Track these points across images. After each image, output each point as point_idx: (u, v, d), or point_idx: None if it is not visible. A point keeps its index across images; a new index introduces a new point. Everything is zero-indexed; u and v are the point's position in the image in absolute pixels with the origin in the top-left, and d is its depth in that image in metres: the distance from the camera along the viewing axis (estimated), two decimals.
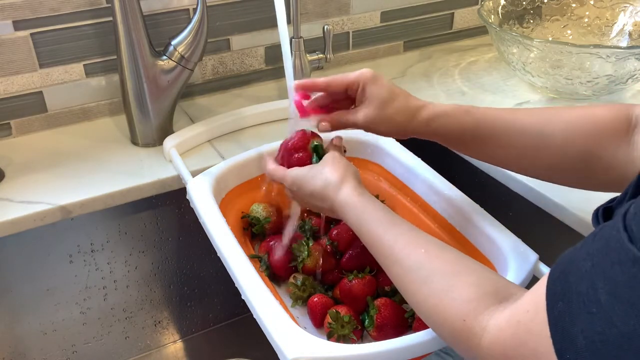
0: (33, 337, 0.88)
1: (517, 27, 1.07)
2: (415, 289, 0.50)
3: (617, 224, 0.35)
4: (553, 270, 0.39)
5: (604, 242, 0.36)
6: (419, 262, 0.50)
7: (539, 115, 0.60)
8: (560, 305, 0.36)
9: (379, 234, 0.54)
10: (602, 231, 0.37)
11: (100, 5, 0.89)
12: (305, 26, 1.05)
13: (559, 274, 0.38)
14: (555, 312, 0.37)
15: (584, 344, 0.34)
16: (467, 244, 0.70)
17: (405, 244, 0.52)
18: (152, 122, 0.88)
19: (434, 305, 0.47)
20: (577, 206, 0.71)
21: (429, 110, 0.62)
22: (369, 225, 0.56)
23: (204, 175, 0.76)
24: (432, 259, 0.50)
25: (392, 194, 0.81)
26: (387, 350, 0.53)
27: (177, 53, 0.85)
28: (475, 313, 0.44)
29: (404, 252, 0.52)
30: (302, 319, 0.68)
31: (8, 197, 0.78)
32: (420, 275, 0.49)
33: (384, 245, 0.54)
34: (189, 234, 0.92)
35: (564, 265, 0.38)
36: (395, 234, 0.54)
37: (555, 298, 0.37)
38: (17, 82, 0.89)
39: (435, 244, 0.52)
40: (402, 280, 0.51)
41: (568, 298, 0.36)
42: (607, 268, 0.34)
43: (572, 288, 0.36)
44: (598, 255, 0.35)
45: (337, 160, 0.62)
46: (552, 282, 0.38)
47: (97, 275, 0.88)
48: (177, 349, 1.01)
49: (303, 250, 0.70)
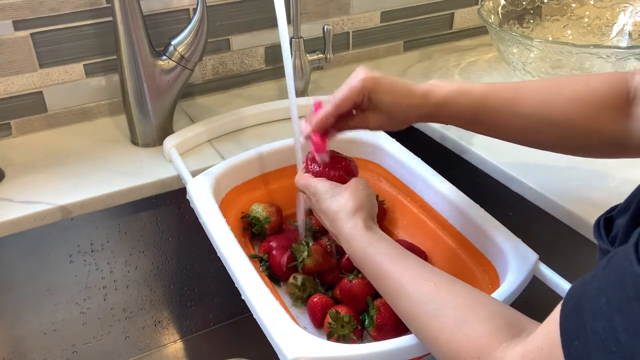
0: (33, 337, 0.88)
1: (517, 27, 1.07)
2: (425, 323, 0.48)
3: (630, 256, 0.34)
4: (564, 305, 0.38)
5: (617, 276, 0.35)
6: (428, 295, 0.49)
7: (541, 94, 0.60)
8: (576, 344, 0.35)
9: (385, 267, 0.53)
10: (613, 263, 0.35)
11: (100, 5, 0.89)
12: (305, 26, 1.05)
13: (571, 310, 0.37)
14: (571, 351, 0.36)
15: None
16: (467, 244, 0.70)
17: (413, 276, 0.51)
18: (152, 122, 0.88)
19: (446, 341, 0.46)
20: (577, 206, 0.71)
21: (431, 100, 0.61)
22: (375, 258, 0.54)
23: (204, 175, 0.76)
24: (441, 292, 0.49)
25: (392, 194, 0.81)
26: (387, 350, 0.53)
27: (177, 53, 0.85)
28: (489, 349, 0.43)
29: (412, 285, 0.50)
30: (302, 319, 0.68)
31: (8, 197, 0.78)
32: (430, 309, 0.48)
33: (391, 278, 0.52)
34: (189, 234, 0.92)
35: (576, 301, 0.37)
36: (402, 268, 0.52)
37: (570, 336, 0.36)
38: (17, 82, 0.89)
39: (445, 278, 0.51)
40: (410, 314, 0.50)
41: (584, 337, 0.35)
42: (623, 304, 0.33)
43: (587, 326, 0.35)
44: (612, 291, 0.34)
45: (359, 189, 0.60)
46: (565, 318, 0.37)
47: (97, 275, 0.88)
48: (177, 349, 1.01)
49: (303, 250, 0.70)
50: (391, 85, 0.61)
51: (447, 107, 0.61)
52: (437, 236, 0.74)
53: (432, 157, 0.81)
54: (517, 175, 0.77)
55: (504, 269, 0.62)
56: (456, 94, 0.61)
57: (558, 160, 0.79)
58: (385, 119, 0.62)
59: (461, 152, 0.86)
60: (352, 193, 0.59)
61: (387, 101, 0.61)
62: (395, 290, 0.52)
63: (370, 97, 0.61)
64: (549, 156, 0.68)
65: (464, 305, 0.47)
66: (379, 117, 0.62)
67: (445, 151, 0.89)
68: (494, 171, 0.81)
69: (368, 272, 0.55)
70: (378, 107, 0.61)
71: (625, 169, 0.76)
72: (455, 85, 0.62)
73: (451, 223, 0.72)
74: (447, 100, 0.61)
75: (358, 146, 0.84)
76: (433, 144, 0.91)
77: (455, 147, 0.87)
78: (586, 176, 0.76)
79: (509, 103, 0.60)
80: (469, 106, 0.61)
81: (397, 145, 0.82)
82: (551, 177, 0.76)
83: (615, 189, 0.74)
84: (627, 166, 0.74)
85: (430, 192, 0.75)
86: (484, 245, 0.67)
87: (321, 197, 0.61)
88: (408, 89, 0.62)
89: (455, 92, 0.61)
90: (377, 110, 0.62)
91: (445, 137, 0.89)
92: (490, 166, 0.81)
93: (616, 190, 0.74)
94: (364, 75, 0.61)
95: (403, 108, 0.62)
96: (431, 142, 0.92)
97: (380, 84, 0.61)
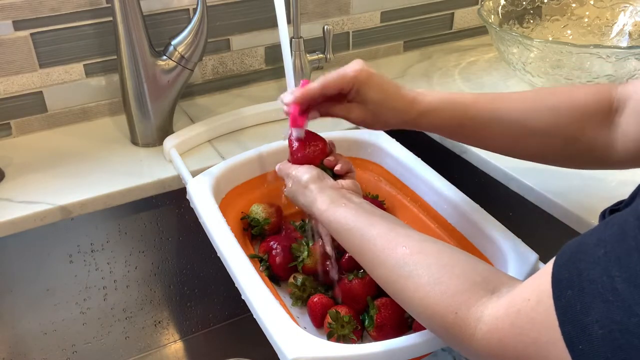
0: (33, 337, 0.88)
1: (517, 27, 1.07)
2: (401, 286, 0.49)
3: (635, 212, 0.34)
4: (559, 257, 0.38)
5: (618, 229, 0.34)
6: (401, 260, 0.49)
7: (522, 103, 0.60)
8: (569, 293, 0.35)
9: (356, 242, 0.54)
10: (615, 219, 0.35)
11: (100, 5, 0.89)
12: (305, 26, 1.05)
13: (565, 261, 0.37)
14: (563, 301, 0.35)
15: (600, 333, 0.33)
16: (467, 244, 0.70)
17: (384, 244, 0.52)
18: (152, 122, 0.88)
19: (421, 299, 0.46)
20: (577, 206, 0.71)
21: (417, 108, 0.62)
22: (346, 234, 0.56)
23: (204, 175, 0.76)
24: (414, 254, 0.49)
25: (392, 194, 0.81)
26: (387, 350, 0.53)
27: (177, 53, 0.85)
28: (467, 305, 0.43)
29: (385, 253, 0.51)
30: (302, 319, 0.68)
31: (8, 197, 0.78)
32: (404, 272, 0.48)
33: (364, 251, 0.54)
34: (189, 234, 0.92)
35: (572, 252, 0.37)
36: (372, 237, 0.53)
37: (563, 285, 0.36)
38: (17, 82, 0.89)
39: (416, 239, 0.51)
40: (387, 281, 0.51)
41: (579, 286, 0.35)
42: (623, 255, 0.33)
43: (583, 275, 0.35)
44: (612, 242, 0.34)
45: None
46: (558, 269, 0.37)
47: (97, 275, 0.88)
48: (177, 349, 1.01)
49: (303, 250, 0.70)
50: (382, 84, 0.62)
51: (429, 117, 0.62)
52: (437, 236, 0.74)
53: (432, 157, 0.81)
54: (517, 175, 0.77)
55: (504, 269, 0.62)
56: (439, 103, 0.62)
57: None
58: (368, 115, 0.63)
59: (461, 152, 0.86)
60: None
61: (374, 98, 0.62)
62: (370, 261, 0.53)
63: (359, 89, 0.62)
64: None
65: (437, 264, 0.47)
66: (363, 111, 0.63)
67: (445, 151, 0.89)
68: (494, 171, 0.81)
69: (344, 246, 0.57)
70: (364, 101, 0.62)
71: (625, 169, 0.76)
72: (440, 95, 0.62)
73: (451, 223, 0.72)
74: (429, 109, 0.61)
75: (358, 146, 0.84)
76: (433, 144, 0.92)
77: (455, 147, 0.87)
78: (586, 176, 0.76)
79: (488, 112, 0.61)
80: (450, 116, 0.62)
81: (397, 145, 0.82)
82: (551, 177, 0.76)
83: (615, 189, 0.74)
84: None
85: (430, 192, 0.75)
86: (484, 245, 0.67)
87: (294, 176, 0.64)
88: (398, 92, 0.62)
89: (438, 101, 0.62)
90: (362, 104, 0.62)
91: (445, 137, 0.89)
92: (490, 166, 0.81)
93: (616, 191, 0.74)
94: (359, 66, 0.61)
95: (388, 109, 0.62)
96: (431, 142, 0.92)
97: (372, 79, 0.61)
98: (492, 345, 0.41)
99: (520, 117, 0.60)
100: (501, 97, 0.62)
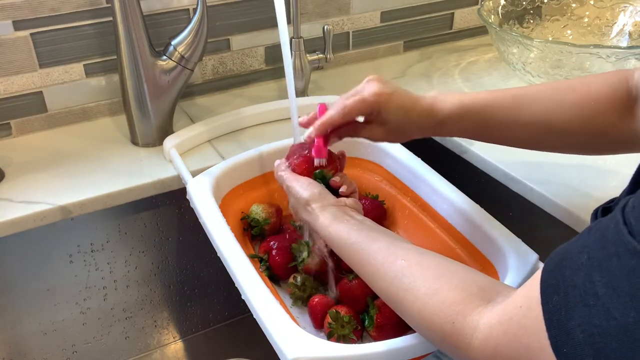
0: (33, 337, 0.88)
1: (517, 27, 1.07)
2: (400, 298, 0.49)
3: (616, 218, 0.35)
4: (547, 264, 0.39)
5: (600, 235, 0.35)
6: (400, 273, 0.50)
7: (543, 103, 0.60)
8: (555, 299, 0.36)
9: (357, 257, 0.55)
10: (598, 225, 0.36)
11: (100, 5, 0.89)
12: (305, 26, 1.05)
13: (553, 267, 0.38)
14: (550, 306, 0.36)
15: (581, 337, 0.34)
16: (468, 244, 0.70)
17: (384, 257, 0.52)
18: (152, 122, 0.88)
19: (420, 310, 0.47)
20: (577, 206, 0.71)
21: (435, 118, 0.62)
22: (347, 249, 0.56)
23: (204, 175, 0.76)
24: (412, 266, 0.50)
25: (392, 194, 0.81)
26: (387, 350, 0.53)
27: (177, 53, 0.85)
28: (464, 314, 0.44)
29: (384, 266, 0.52)
30: (302, 319, 0.68)
31: (8, 197, 0.78)
32: (403, 284, 0.49)
33: (364, 265, 0.54)
34: (189, 234, 0.92)
35: (558, 259, 0.38)
36: (372, 251, 0.53)
37: (550, 291, 0.37)
38: (17, 82, 0.89)
39: (415, 252, 0.52)
40: (387, 293, 0.51)
41: (564, 291, 0.36)
42: (603, 261, 0.34)
43: (568, 281, 0.36)
44: (594, 248, 0.35)
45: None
46: (546, 275, 0.38)
47: (97, 275, 0.88)
48: (177, 349, 1.01)
49: (303, 250, 0.70)
50: (402, 103, 0.61)
51: (448, 126, 0.62)
52: (437, 236, 0.74)
53: (432, 157, 0.81)
54: (517, 175, 0.77)
55: (504, 269, 0.62)
56: (458, 110, 0.61)
57: (558, 160, 0.79)
58: (390, 134, 0.64)
59: (461, 152, 0.86)
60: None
61: (395, 119, 0.62)
62: (371, 274, 0.53)
63: (380, 111, 0.61)
64: (549, 156, 0.68)
65: (434, 276, 0.48)
66: (384, 131, 0.63)
67: (446, 151, 0.89)
68: (494, 171, 0.81)
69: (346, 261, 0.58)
70: (385, 122, 0.62)
71: (626, 168, 0.76)
72: (457, 100, 0.62)
73: (451, 223, 0.72)
74: (448, 118, 0.62)
75: (358, 146, 0.84)
76: (433, 144, 0.92)
77: (455, 147, 0.87)
78: (586, 176, 0.76)
79: (509, 114, 0.61)
80: (472, 125, 0.62)
81: (398, 146, 0.82)
82: (551, 177, 0.76)
83: (615, 189, 0.74)
84: (627, 166, 0.74)
85: (431, 193, 0.75)
86: (484, 245, 0.67)
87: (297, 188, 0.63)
88: (415, 106, 0.62)
89: (457, 109, 0.61)
90: (383, 124, 0.63)
91: (445, 137, 0.89)
92: (490, 166, 0.81)
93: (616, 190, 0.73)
94: (377, 89, 0.60)
95: (409, 124, 0.63)
96: (431, 142, 0.92)
97: (392, 101, 0.61)
98: (488, 353, 0.41)
99: (543, 119, 0.60)
100: (519, 94, 0.62)
